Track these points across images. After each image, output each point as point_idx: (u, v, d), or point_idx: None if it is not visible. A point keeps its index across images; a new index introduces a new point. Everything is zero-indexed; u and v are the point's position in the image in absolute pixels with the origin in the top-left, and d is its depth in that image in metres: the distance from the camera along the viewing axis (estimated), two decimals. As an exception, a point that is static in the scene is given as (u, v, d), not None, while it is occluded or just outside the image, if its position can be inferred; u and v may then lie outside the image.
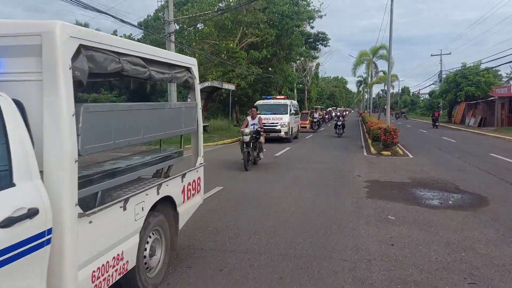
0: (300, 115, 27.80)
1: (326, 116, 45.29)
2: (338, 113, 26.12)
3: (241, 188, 8.78)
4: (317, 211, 6.77)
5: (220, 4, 29.83)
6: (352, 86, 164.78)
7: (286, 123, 20.08)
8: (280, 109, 20.76)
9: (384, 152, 15.44)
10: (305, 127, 29.28)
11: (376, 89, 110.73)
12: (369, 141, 20.11)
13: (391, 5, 18.47)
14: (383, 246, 5.05)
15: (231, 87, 25.14)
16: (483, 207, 7.18)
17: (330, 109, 63.73)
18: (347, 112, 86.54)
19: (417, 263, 4.50)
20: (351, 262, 4.54)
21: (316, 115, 30.69)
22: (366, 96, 69.95)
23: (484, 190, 8.68)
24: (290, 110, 20.99)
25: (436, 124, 36.51)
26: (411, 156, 14.88)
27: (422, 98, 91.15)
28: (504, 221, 6.26)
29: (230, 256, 4.69)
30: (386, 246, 5.07)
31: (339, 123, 24.22)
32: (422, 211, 6.82)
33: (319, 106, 42.31)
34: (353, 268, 4.36)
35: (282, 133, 19.93)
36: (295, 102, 25.03)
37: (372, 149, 16.70)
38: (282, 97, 24.07)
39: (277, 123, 19.93)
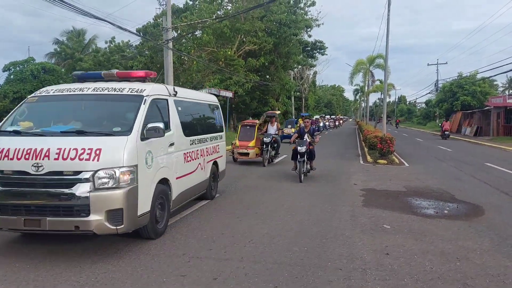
0: (238, 129, 15.98)
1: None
2: (304, 127, 11.74)
3: (237, 196, 8.76)
4: (313, 220, 6.77)
5: (218, 12, 30.00)
6: (349, 95, 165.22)
7: (113, 177, 4.79)
8: (97, 119, 5.75)
9: (380, 161, 15.47)
10: (247, 155, 14.34)
11: (373, 98, 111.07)
12: (366, 149, 20.14)
13: (388, 14, 18.63)
14: (378, 255, 5.05)
15: (229, 94, 25.19)
16: (478, 217, 7.19)
17: (317, 117, 47.90)
18: (341, 122, 75.04)
19: (412, 273, 4.50)
20: (346, 271, 4.52)
21: (271, 130, 14.71)
22: (363, 105, 70.25)
23: (479, 199, 8.70)
24: (157, 120, 5.68)
25: (397, 126, 60.53)
26: (407, 165, 14.92)
27: (418, 107, 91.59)
28: (499, 230, 6.27)
29: (225, 264, 4.67)
30: (381, 255, 5.07)
31: (302, 149, 10.94)
32: (417, 220, 6.83)
33: (277, 112, 19.83)
34: (348, 277, 4.35)
35: (93, 218, 4.66)
36: (197, 94, 8.87)
37: (368, 157, 16.72)
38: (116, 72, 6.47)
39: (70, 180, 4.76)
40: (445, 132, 32.44)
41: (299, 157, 10.87)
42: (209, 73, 28.94)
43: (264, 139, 13.94)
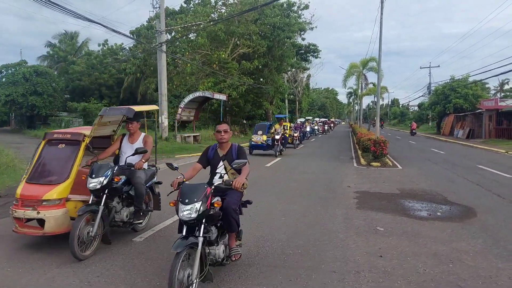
0: (37, 153, 5.59)
1: (296, 135, 23.70)
2: (216, 146, 4.76)
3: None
4: (307, 222, 6.77)
5: (212, 15, 30.06)
6: (342, 98, 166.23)
7: None
8: None
9: (374, 163, 15.54)
10: (40, 225, 5.15)
11: (366, 101, 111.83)
12: (359, 152, 20.22)
13: (381, 18, 18.77)
14: (372, 258, 5.06)
15: (222, 97, 25.20)
16: (471, 219, 7.24)
17: (301, 120, 38.62)
18: (332, 125, 63.80)
19: (405, 275, 4.51)
20: (340, 273, 4.53)
21: (127, 150, 5.83)
22: (357, 108, 70.59)
23: (472, 201, 8.76)
24: None
25: (382, 127, 56.69)
26: (400, 167, 14.99)
27: (411, 110, 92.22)
28: (491, 232, 6.32)
29: (219, 267, 4.65)
30: (375, 257, 5.08)
31: (190, 214, 3.72)
32: (410, 223, 6.86)
33: (141, 108, 6.46)
34: (342, 279, 4.36)
35: None
36: None
37: (362, 160, 16.79)
38: None
39: None
40: (413, 131, 44.93)
41: (184, 230, 3.93)
42: (203, 76, 28.95)
43: (90, 180, 5.16)
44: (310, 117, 50.20)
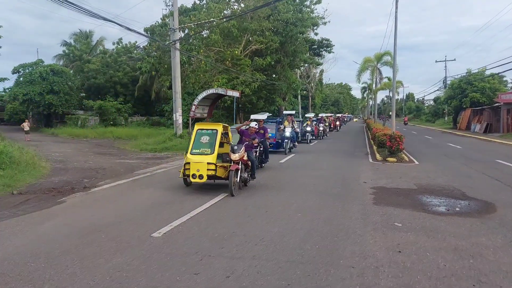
0: None
1: (236, 158, 8.82)
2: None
3: (246, 195, 8.78)
4: (324, 218, 6.76)
5: (225, 11, 30.08)
6: (356, 93, 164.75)
7: None
8: None
9: (390, 159, 15.40)
10: None
11: (380, 95, 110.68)
12: (375, 147, 20.07)
13: (395, 11, 18.52)
14: (391, 253, 5.03)
15: (236, 94, 25.20)
16: (490, 214, 7.13)
17: (258, 117, 14.53)
18: (338, 123, 43.72)
19: (425, 270, 4.48)
20: (358, 269, 4.52)
21: None
22: (371, 103, 69.95)
23: (491, 196, 8.63)
24: None
25: (386, 120, 53.92)
26: (417, 163, 14.83)
27: (427, 105, 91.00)
28: (511, 227, 6.22)
29: (238, 262, 4.69)
30: (394, 253, 5.05)
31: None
32: (429, 218, 6.79)
33: None
34: (361, 274, 4.35)
35: None
36: None
37: (377, 155, 16.65)
38: None
39: None
40: (405, 122, 65.68)
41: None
42: (216, 73, 29.03)
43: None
44: (293, 112, 27.28)
